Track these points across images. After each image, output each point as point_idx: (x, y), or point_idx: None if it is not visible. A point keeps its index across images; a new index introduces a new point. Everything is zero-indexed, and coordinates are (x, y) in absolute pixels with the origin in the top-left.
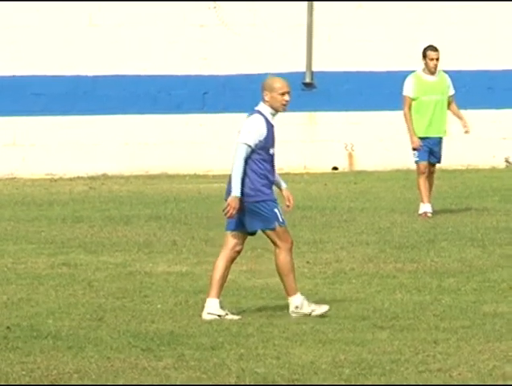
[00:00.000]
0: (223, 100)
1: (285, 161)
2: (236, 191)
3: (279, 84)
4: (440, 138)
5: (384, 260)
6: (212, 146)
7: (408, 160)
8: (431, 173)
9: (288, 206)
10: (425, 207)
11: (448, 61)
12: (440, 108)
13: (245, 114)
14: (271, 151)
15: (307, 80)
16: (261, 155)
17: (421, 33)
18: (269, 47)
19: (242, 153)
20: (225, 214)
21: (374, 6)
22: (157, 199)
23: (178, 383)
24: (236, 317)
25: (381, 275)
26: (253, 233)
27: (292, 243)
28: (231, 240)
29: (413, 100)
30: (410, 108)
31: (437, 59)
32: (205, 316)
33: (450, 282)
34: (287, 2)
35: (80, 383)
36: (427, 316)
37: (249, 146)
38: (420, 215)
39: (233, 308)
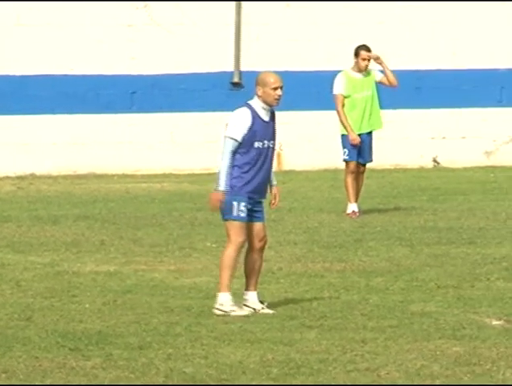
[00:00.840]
0: (151, 100)
1: (213, 160)
2: (221, 185)
3: (272, 79)
4: (370, 133)
5: (312, 259)
6: (140, 146)
7: (336, 160)
8: (361, 173)
9: (272, 204)
10: (352, 207)
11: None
12: (372, 104)
13: (174, 114)
14: (256, 145)
15: (236, 79)
16: (244, 148)
17: (349, 33)
18: (197, 47)
19: (229, 147)
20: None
21: (302, 5)
22: (85, 199)
23: (106, 383)
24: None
25: (309, 274)
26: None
27: (242, 244)
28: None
29: (345, 98)
30: (343, 106)
31: (369, 60)
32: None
33: (378, 281)
34: (215, 1)
35: (7, 383)
36: (355, 315)
37: (236, 140)
38: (348, 214)
39: (161, 307)
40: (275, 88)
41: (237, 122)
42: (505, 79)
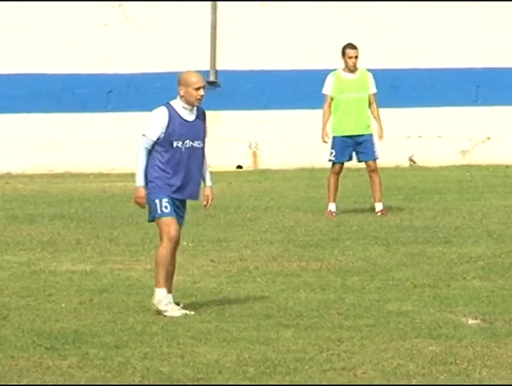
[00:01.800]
0: (127, 99)
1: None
2: (137, 182)
3: (194, 79)
4: (363, 135)
5: (288, 258)
6: (116, 145)
7: (313, 159)
8: (372, 171)
9: (205, 205)
10: (331, 206)
11: None
12: (359, 106)
13: (150, 113)
14: (175, 144)
15: (211, 78)
16: (163, 147)
17: (325, 32)
18: (173, 46)
19: (142, 144)
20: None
21: (278, 4)
22: (61, 198)
23: (82, 383)
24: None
25: (286, 274)
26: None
27: (174, 238)
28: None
29: (332, 98)
30: (329, 106)
31: (356, 57)
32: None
33: (354, 281)
34: (191, 1)
35: None
36: (332, 315)
37: (150, 139)
38: (329, 213)
39: (137, 307)
40: (197, 88)
41: (153, 121)
42: (480, 78)
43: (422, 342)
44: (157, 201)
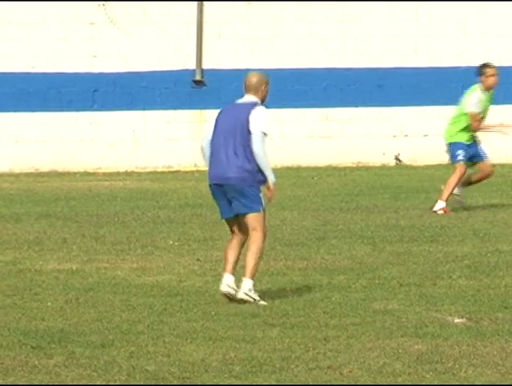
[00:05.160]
0: (113, 98)
1: (175, 158)
2: (274, 177)
3: None
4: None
5: (274, 257)
6: (101, 144)
7: (298, 158)
8: (490, 169)
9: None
10: (441, 204)
11: (338, 59)
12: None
13: (136, 112)
14: None
15: (197, 77)
16: None
17: (310, 30)
18: (159, 45)
19: (264, 142)
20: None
21: (264, 3)
22: (47, 197)
23: (68, 381)
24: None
25: (272, 272)
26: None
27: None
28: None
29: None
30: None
31: (495, 75)
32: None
33: (340, 279)
34: (177, 0)
35: None
36: (318, 313)
37: (267, 135)
38: (436, 211)
39: (123, 305)
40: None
41: (268, 119)
42: (466, 77)
43: (408, 341)
44: (261, 195)
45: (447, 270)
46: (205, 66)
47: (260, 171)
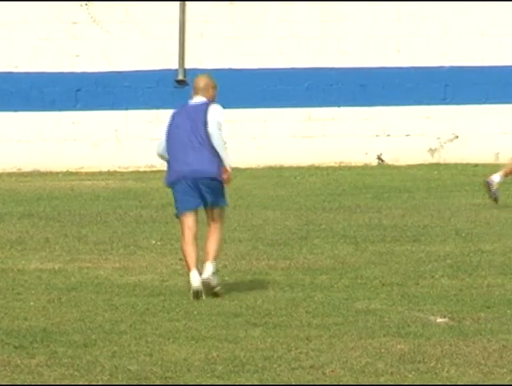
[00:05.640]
0: (96, 98)
1: (158, 158)
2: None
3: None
4: None
5: (257, 257)
6: (84, 144)
7: (281, 157)
8: None
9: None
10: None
11: (321, 59)
12: None
13: (119, 111)
14: None
15: (180, 77)
16: None
17: (293, 30)
18: (141, 45)
19: (222, 133)
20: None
21: (246, 3)
22: (29, 197)
23: (51, 381)
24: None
25: (254, 272)
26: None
27: None
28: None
29: None
30: None
31: None
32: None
33: (322, 279)
34: (159, 1)
35: None
36: (300, 313)
37: (222, 127)
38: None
39: (106, 305)
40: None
41: (223, 114)
42: (449, 77)
43: (390, 341)
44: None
45: (429, 270)
46: (188, 65)
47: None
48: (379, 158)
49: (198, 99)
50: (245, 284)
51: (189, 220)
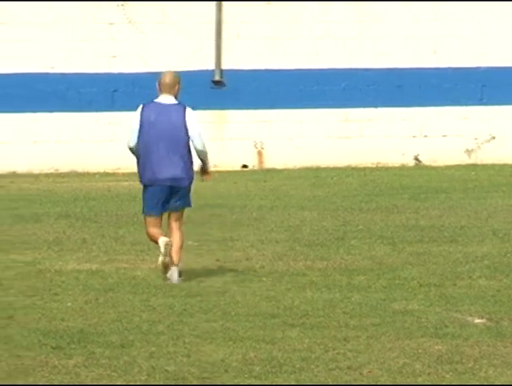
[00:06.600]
0: (132, 98)
1: (194, 159)
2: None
3: None
4: None
5: (294, 257)
6: (121, 144)
7: (317, 158)
8: None
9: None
10: None
11: (358, 59)
12: None
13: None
14: None
15: (217, 78)
16: None
17: (329, 30)
18: (178, 45)
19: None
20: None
21: (283, 3)
22: (67, 197)
23: (88, 382)
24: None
25: (292, 273)
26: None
27: None
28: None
29: None
30: None
31: None
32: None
33: (360, 280)
34: (196, 0)
35: None
36: (337, 314)
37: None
38: None
39: (143, 306)
40: None
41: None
42: (486, 77)
43: (428, 342)
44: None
45: (467, 270)
46: (224, 66)
47: (192, 169)
48: (416, 158)
49: (167, 98)
50: (283, 284)
51: (153, 221)
